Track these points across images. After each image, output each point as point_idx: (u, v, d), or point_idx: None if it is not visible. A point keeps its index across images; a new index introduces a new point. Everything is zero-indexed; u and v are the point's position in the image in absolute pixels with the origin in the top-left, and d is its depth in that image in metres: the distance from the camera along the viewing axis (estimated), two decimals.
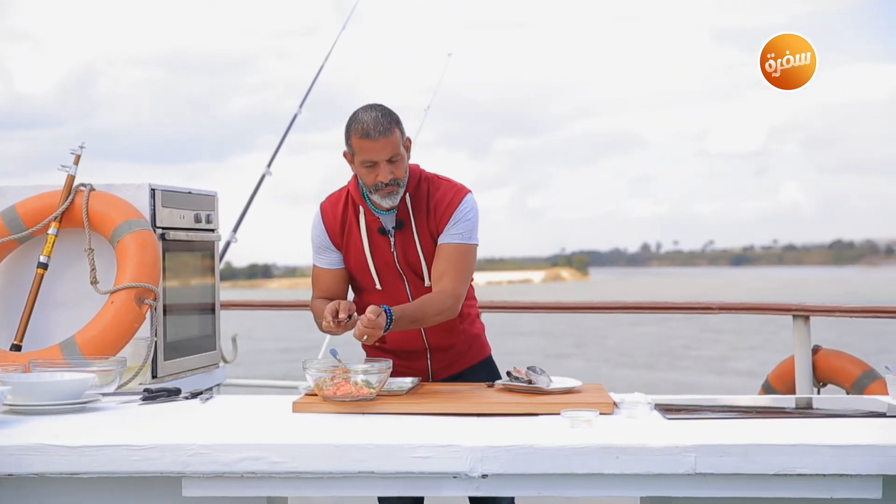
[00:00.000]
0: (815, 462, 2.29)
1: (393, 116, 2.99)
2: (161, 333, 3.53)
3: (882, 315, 4.88)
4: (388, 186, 2.98)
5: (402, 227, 3.08)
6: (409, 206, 3.08)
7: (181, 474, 2.35)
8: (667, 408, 2.74)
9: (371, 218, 3.09)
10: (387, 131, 2.95)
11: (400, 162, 3.00)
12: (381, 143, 2.95)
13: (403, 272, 3.11)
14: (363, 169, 2.99)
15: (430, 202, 3.09)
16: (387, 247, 3.09)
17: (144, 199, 3.54)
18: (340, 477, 2.34)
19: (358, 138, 2.97)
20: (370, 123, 2.95)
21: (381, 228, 3.08)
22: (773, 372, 5.45)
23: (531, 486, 2.35)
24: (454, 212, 3.08)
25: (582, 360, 20.28)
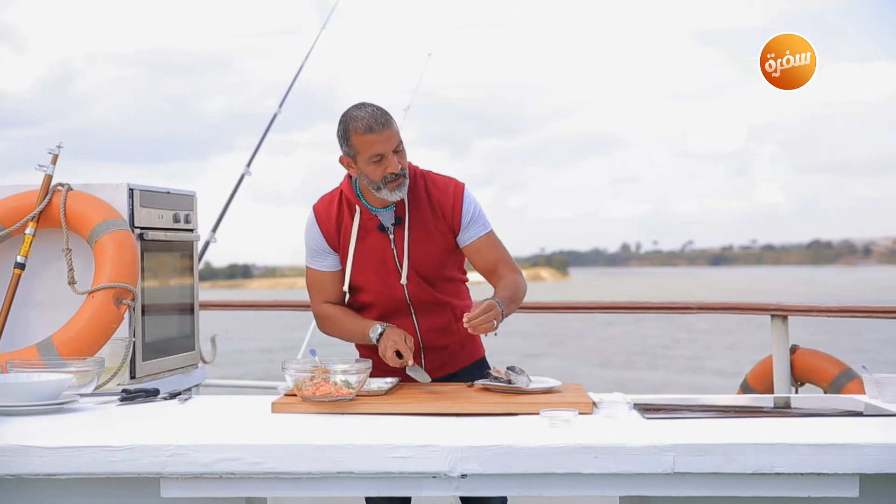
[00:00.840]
0: (793, 461, 2.30)
1: (385, 110, 3.01)
2: (139, 334, 3.52)
3: (859, 315, 4.90)
4: (397, 178, 2.98)
5: (399, 223, 3.08)
6: (405, 203, 3.08)
7: (159, 475, 2.34)
8: (645, 407, 2.74)
9: (367, 216, 3.08)
10: (387, 122, 2.97)
11: (403, 153, 3.02)
12: (385, 135, 2.95)
13: (401, 268, 3.10)
14: (370, 165, 2.97)
15: (431, 199, 3.11)
16: (386, 244, 3.09)
17: (123, 199, 3.52)
18: (319, 477, 2.34)
19: (360, 135, 2.96)
20: (369, 118, 2.96)
21: (381, 226, 3.09)
22: (752, 371, 5.48)
23: (510, 485, 2.36)
24: (463, 209, 3.12)
25: (559, 360, 20.33)
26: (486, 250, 3.16)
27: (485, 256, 3.16)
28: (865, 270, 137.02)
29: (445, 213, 3.11)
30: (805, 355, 5.14)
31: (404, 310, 3.14)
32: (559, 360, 20.41)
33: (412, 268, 3.10)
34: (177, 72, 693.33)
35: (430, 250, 3.11)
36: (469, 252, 3.17)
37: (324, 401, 2.69)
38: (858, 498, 2.35)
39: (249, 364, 18.70)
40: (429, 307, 3.15)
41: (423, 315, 3.15)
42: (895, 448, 2.30)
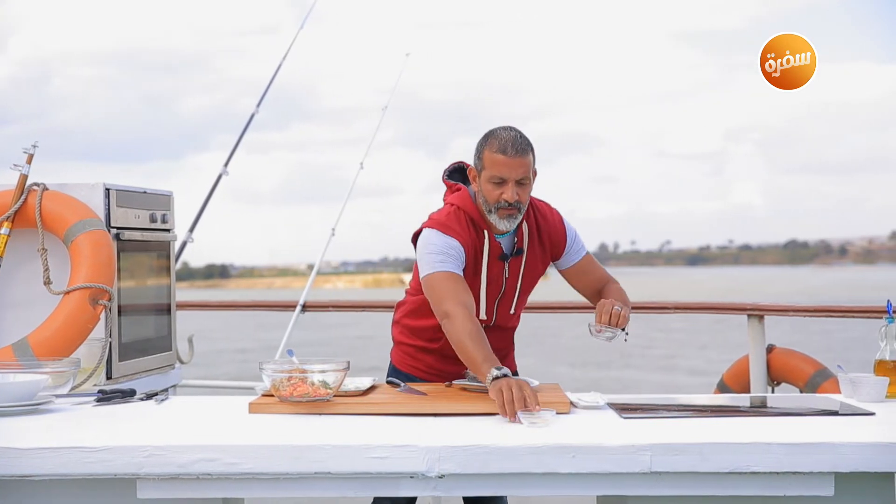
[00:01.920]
0: (769, 460, 2.31)
1: (530, 143, 2.97)
2: (116, 334, 3.50)
3: (835, 314, 4.93)
4: (510, 207, 2.94)
5: (518, 254, 3.07)
6: (526, 234, 3.07)
7: (136, 476, 2.33)
8: (623, 407, 2.75)
9: (494, 243, 3.04)
10: (524, 152, 2.93)
11: (527, 186, 2.97)
12: (516, 162, 2.91)
13: (502, 298, 3.09)
14: (489, 185, 2.94)
15: (541, 230, 3.11)
16: (500, 272, 3.06)
17: (99, 199, 3.50)
18: (297, 478, 2.33)
19: (492, 152, 2.93)
20: (509, 141, 2.92)
21: (503, 255, 3.05)
22: (729, 371, 5.51)
23: (488, 485, 2.36)
24: (566, 236, 3.15)
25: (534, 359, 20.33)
26: (591, 270, 3.21)
27: (590, 275, 3.21)
28: (841, 270, 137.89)
29: (554, 244, 3.14)
30: (781, 355, 5.17)
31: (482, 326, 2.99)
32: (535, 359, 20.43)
33: (508, 298, 3.10)
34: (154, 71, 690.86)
35: (530, 283, 3.15)
36: (572, 274, 3.20)
37: (301, 401, 2.69)
38: (833, 497, 2.37)
39: (227, 364, 18.62)
40: (499, 331, 3.13)
41: (492, 336, 2.98)
42: (870, 447, 2.32)
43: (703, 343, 24.10)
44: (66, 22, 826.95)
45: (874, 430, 2.46)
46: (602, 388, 3.14)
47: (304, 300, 5.54)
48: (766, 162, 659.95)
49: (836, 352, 16.28)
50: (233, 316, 29.79)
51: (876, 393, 2.87)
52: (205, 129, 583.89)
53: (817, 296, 46.44)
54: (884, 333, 2.97)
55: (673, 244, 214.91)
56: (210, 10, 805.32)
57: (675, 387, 15.93)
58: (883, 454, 2.32)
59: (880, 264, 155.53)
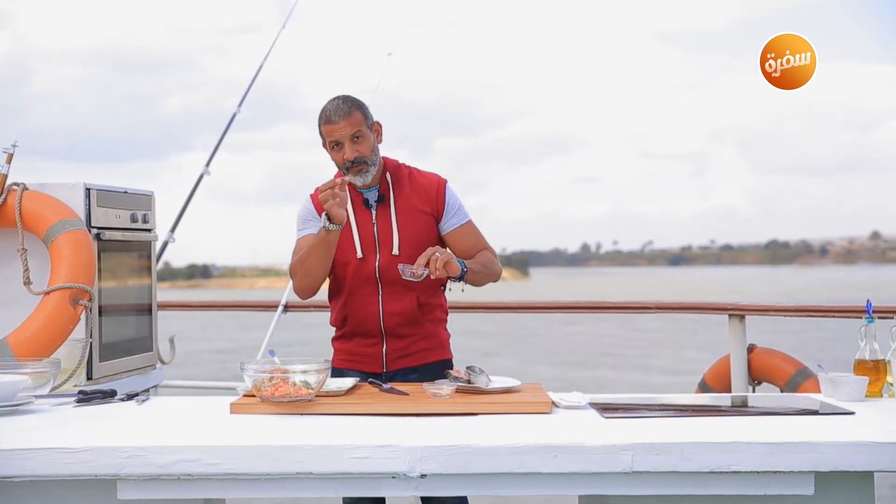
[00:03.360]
0: (749, 459, 2.32)
1: (355, 101, 3.22)
2: (96, 334, 3.49)
3: (815, 314, 4.95)
4: (355, 164, 3.18)
5: (382, 200, 3.27)
6: (389, 183, 3.29)
7: (116, 477, 2.32)
8: (604, 407, 2.76)
9: (354, 194, 3.28)
10: (346, 113, 3.17)
11: (364, 140, 3.19)
12: (341, 124, 3.16)
13: (379, 244, 3.25)
14: (332, 152, 3.22)
15: (413, 182, 3.32)
16: (368, 219, 3.26)
17: (79, 199, 3.49)
18: (278, 478, 2.33)
19: (323, 124, 3.20)
20: (331, 109, 3.18)
21: (366, 201, 3.27)
22: (710, 370, 5.52)
23: (470, 485, 2.36)
24: (447, 197, 3.32)
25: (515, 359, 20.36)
26: (469, 235, 3.34)
27: (468, 242, 3.33)
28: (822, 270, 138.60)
29: (430, 198, 3.31)
30: (762, 354, 5.19)
31: (373, 287, 3.24)
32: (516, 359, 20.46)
33: (386, 243, 3.25)
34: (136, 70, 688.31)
35: (414, 228, 3.26)
36: (450, 239, 3.32)
37: (283, 401, 2.68)
38: (813, 495, 2.38)
39: (208, 365, 18.56)
40: (396, 288, 3.22)
41: (389, 296, 3.24)
42: (850, 446, 2.33)
43: (689, 343, 24.17)
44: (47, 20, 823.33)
45: (854, 430, 2.47)
46: (586, 389, 3.15)
47: (285, 300, 5.53)
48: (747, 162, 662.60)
49: (817, 351, 16.36)
50: (214, 316, 29.71)
51: (856, 392, 2.89)
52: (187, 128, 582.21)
53: (798, 296, 46.68)
54: (863, 333, 2.99)
55: (655, 244, 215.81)
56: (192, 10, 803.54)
57: (655, 387, 15.96)
58: (863, 453, 2.33)
59: (860, 264, 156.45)
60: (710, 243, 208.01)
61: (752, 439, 2.34)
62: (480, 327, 26.61)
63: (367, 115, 3.22)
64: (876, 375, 2.95)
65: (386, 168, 3.31)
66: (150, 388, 3.93)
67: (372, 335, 3.26)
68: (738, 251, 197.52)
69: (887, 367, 2.95)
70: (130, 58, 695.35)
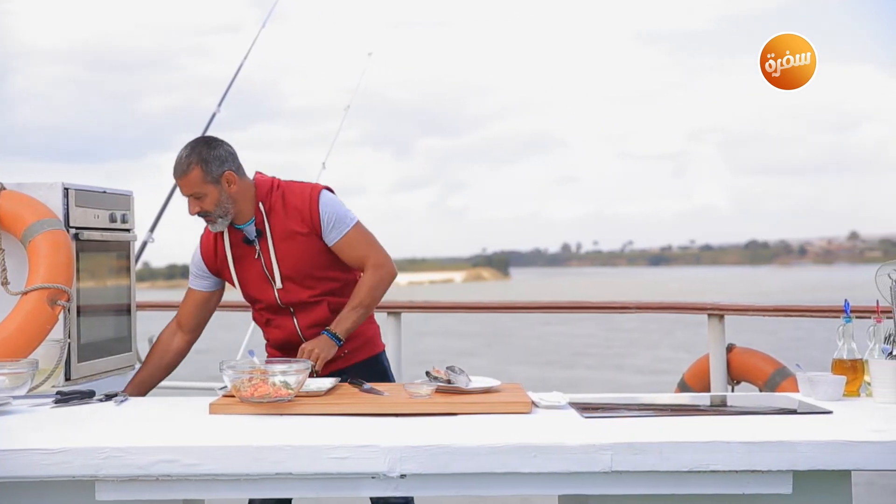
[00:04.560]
0: (728, 459, 2.33)
1: (197, 155, 3.19)
2: (74, 335, 3.47)
3: (794, 314, 4.98)
4: (203, 217, 3.24)
5: (261, 235, 3.27)
6: (263, 214, 3.27)
7: (94, 478, 2.31)
8: (584, 407, 2.76)
9: (233, 233, 3.31)
10: (184, 172, 3.19)
11: (206, 197, 3.20)
12: (181, 182, 3.21)
13: (271, 276, 3.29)
14: None
15: (287, 206, 3.27)
16: (252, 255, 3.30)
17: (57, 199, 3.47)
18: (257, 478, 2.33)
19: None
20: (175, 163, 3.21)
21: (245, 239, 3.30)
22: (689, 370, 5.54)
23: (450, 485, 2.36)
24: (320, 211, 3.26)
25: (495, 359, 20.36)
26: (352, 248, 3.29)
27: (351, 255, 3.30)
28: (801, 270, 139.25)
29: (304, 217, 3.26)
30: (741, 354, 5.21)
31: (284, 311, 3.33)
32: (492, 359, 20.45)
33: (281, 273, 3.27)
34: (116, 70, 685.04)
35: (295, 253, 3.27)
36: (338, 251, 3.30)
37: (262, 402, 2.68)
38: (792, 494, 2.39)
39: (187, 365, 18.42)
40: (305, 306, 3.31)
41: (301, 313, 3.32)
42: (828, 445, 2.35)
43: (669, 343, 24.25)
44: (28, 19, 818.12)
45: (832, 429, 2.49)
46: (565, 389, 3.15)
47: None
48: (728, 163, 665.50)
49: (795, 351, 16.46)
50: None
51: (833, 391, 2.90)
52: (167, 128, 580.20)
53: (777, 295, 46.89)
54: (841, 333, 3.00)
55: (635, 244, 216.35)
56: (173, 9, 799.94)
57: (632, 386, 16.00)
58: (840, 452, 2.35)
59: (838, 265, 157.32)
60: (690, 243, 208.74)
61: (731, 439, 2.35)
62: (460, 327, 26.61)
63: (209, 171, 3.18)
64: (853, 375, 2.97)
65: (258, 197, 3.27)
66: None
67: (294, 350, 3.28)
68: (718, 251, 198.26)
69: (865, 366, 2.96)
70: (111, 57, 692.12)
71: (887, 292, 2.83)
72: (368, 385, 2.93)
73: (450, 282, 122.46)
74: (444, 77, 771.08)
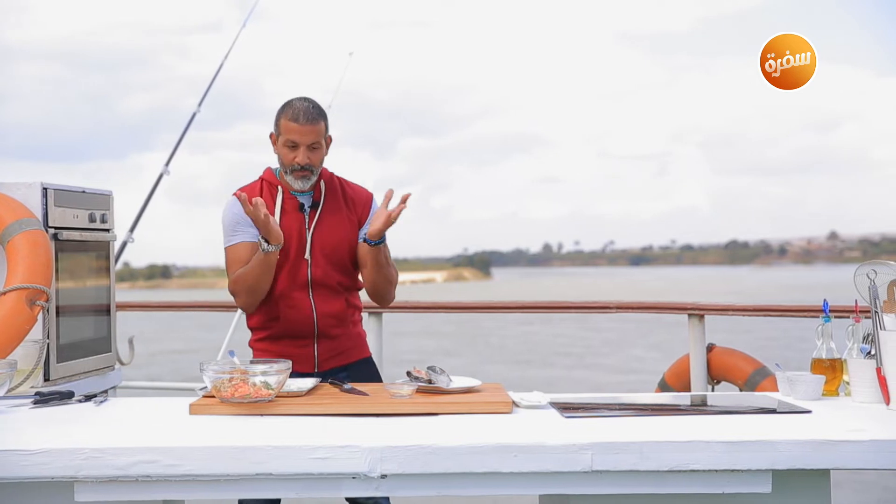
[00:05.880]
0: (708, 458, 2.33)
1: (323, 112, 3.31)
2: (53, 335, 3.46)
3: (773, 313, 5.01)
4: (302, 170, 3.26)
5: (316, 206, 3.33)
6: (322, 192, 3.35)
7: (73, 479, 2.30)
8: (565, 406, 2.77)
9: (288, 197, 3.33)
10: (314, 120, 3.25)
11: (318, 151, 3.29)
12: (306, 129, 3.23)
13: (311, 249, 3.31)
14: (285, 148, 3.27)
15: (346, 193, 3.41)
16: (301, 223, 3.32)
17: (36, 199, 3.45)
18: (238, 479, 2.32)
19: (287, 120, 3.25)
20: (301, 110, 3.24)
21: (301, 206, 3.33)
22: (669, 370, 5.56)
23: (430, 485, 2.36)
24: (372, 207, 3.42)
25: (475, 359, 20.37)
26: None
27: None
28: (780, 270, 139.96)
29: (357, 207, 3.40)
30: (721, 354, 5.23)
31: (304, 289, 3.30)
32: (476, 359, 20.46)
33: (318, 247, 3.31)
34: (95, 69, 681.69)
35: (339, 235, 3.34)
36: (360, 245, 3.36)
37: (243, 402, 2.67)
38: (771, 493, 2.40)
39: (168, 365, 18.45)
40: (326, 291, 3.32)
41: (320, 298, 3.32)
42: (807, 444, 2.36)
43: (649, 342, 24.31)
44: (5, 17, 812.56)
45: (811, 428, 2.50)
46: (546, 389, 3.16)
47: None
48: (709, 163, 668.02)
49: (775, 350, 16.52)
50: (174, 317, 29.50)
51: (812, 391, 2.92)
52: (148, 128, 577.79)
53: (757, 295, 47.09)
54: (820, 332, 3.02)
55: (616, 244, 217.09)
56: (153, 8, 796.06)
57: (610, 385, 16.03)
58: (819, 451, 2.36)
59: (818, 264, 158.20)
60: (670, 243, 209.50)
61: (711, 438, 2.36)
62: (440, 327, 26.61)
63: (327, 127, 3.31)
64: (832, 374, 2.98)
65: (321, 177, 3.37)
66: (109, 390, 3.89)
67: (303, 336, 3.32)
68: (699, 251, 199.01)
69: (843, 366, 2.98)
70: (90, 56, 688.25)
71: (866, 292, 2.84)
72: (349, 385, 2.93)
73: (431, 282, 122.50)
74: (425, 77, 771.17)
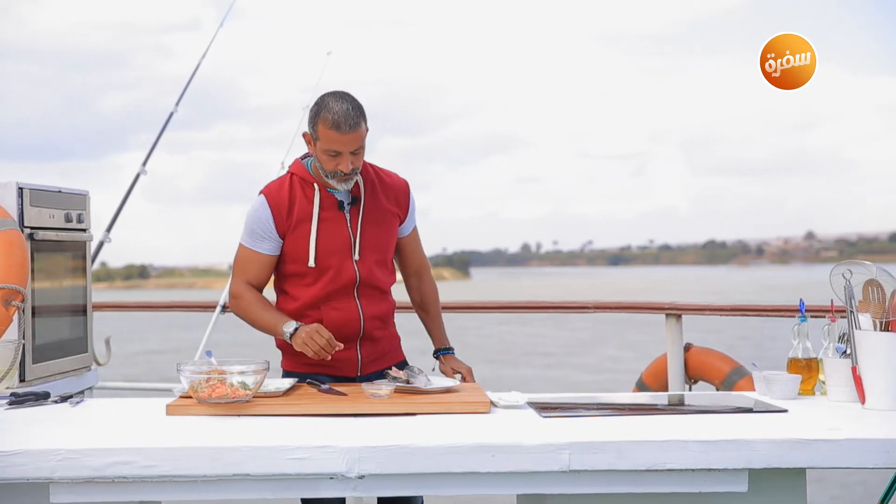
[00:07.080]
0: (684, 457, 2.34)
1: (361, 110, 3.06)
2: (29, 336, 3.43)
3: (750, 313, 5.02)
4: (346, 175, 3.05)
5: (356, 203, 3.16)
6: (361, 187, 3.18)
7: (49, 480, 2.29)
8: (542, 406, 2.77)
9: (325, 195, 3.14)
10: (356, 125, 3.01)
11: (361, 153, 3.07)
12: (348, 137, 3.00)
13: (360, 248, 3.16)
14: (325, 156, 3.04)
15: (382, 182, 3.24)
16: (343, 222, 3.15)
17: (12, 198, 3.43)
18: (215, 480, 2.31)
19: (327, 128, 3.01)
20: (341, 116, 3.00)
21: (340, 204, 3.15)
22: (647, 370, 5.57)
23: (408, 485, 2.36)
24: (410, 199, 3.29)
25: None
26: (417, 244, 3.38)
27: (416, 250, 3.37)
28: (758, 270, 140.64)
29: (398, 197, 3.25)
30: (698, 353, 5.24)
31: (350, 292, 3.16)
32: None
33: (366, 247, 3.16)
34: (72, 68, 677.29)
35: (383, 231, 3.21)
36: (405, 243, 3.32)
37: (220, 402, 2.66)
38: (747, 492, 2.41)
39: (145, 366, 18.38)
40: (372, 292, 3.19)
41: (366, 300, 3.18)
42: (783, 443, 2.37)
43: (626, 342, 24.37)
44: None
45: (787, 427, 2.51)
46: (524, 389, 3.16)
47: (224, 300, 5.48)
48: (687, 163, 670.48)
49: (752, 350, 16.60)
50: (151, 317, 29.37)
51: (789, 390, 2.93)
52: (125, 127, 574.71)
53: (734, 295, 47.29)
54: (796, 332, 3.03)
55: (595, 244, 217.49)
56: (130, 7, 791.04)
57: (599, 386, 16.07)
58: (795, 450, 2.37)
59: (794, 264, 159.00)
60: (649, 243, 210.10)
61: (688, 437, 2.37)
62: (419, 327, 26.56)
63: (366, 122, 3.09)
64: (808, 374, 3.00)
65: None
66: (85, 390, 3.87)
67: (348, 339, 3.15)
68: (677, 251, 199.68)
69: (819, 365, 3.00)
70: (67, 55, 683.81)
71: (841, 292, 2.86)
72: (327, 385, 2.92)
73: None
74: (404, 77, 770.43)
